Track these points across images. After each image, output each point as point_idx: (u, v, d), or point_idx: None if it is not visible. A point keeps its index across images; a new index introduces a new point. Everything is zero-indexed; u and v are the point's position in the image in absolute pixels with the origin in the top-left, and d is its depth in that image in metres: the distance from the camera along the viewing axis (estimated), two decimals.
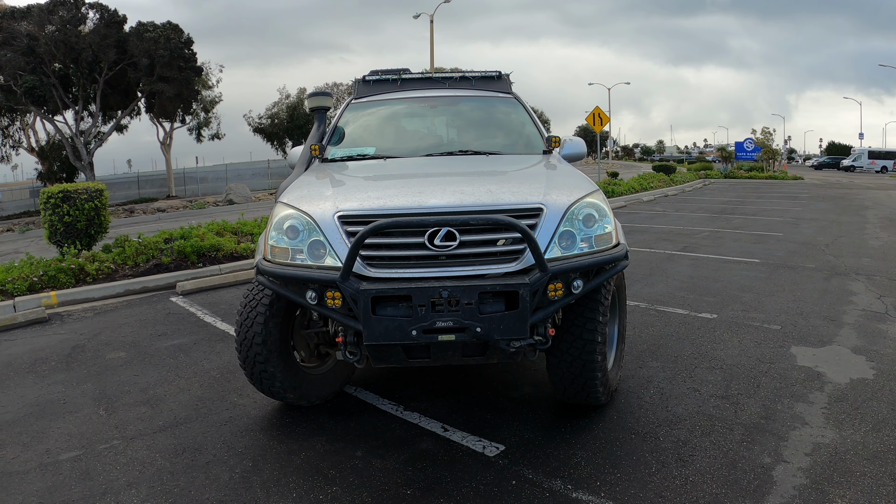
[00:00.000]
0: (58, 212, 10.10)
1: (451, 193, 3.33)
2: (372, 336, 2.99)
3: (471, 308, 2.94)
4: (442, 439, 3.66)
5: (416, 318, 2.95)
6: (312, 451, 3.57)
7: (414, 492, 3.13)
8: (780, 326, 5.74)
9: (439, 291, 2.94)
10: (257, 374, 3.77)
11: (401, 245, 3.15)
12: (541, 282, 3.03)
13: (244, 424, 3.97)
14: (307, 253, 3.25)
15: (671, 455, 3.39)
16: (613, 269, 3.43)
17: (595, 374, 3.56)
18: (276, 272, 3.30)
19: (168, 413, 4.23)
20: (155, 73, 30.48)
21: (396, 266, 3.14)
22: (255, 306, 3.69)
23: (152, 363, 5.29)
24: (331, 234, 3.20)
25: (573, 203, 3.32)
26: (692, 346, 5.21)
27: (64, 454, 3.71)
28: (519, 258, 3.14)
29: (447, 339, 2.99)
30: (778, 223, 13.93)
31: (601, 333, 3.50)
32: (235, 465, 3.46)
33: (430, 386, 4.50)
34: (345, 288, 3.01)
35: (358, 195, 3.47)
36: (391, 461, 3.42)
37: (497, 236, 3.17)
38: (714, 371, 4.62)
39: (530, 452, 3.47)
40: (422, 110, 5.29)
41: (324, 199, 3.37)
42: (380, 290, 2.97)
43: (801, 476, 3.16)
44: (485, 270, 3.11)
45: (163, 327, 6.45)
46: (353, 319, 3.11)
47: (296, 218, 3.34)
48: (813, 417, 3.83)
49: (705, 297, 6.89)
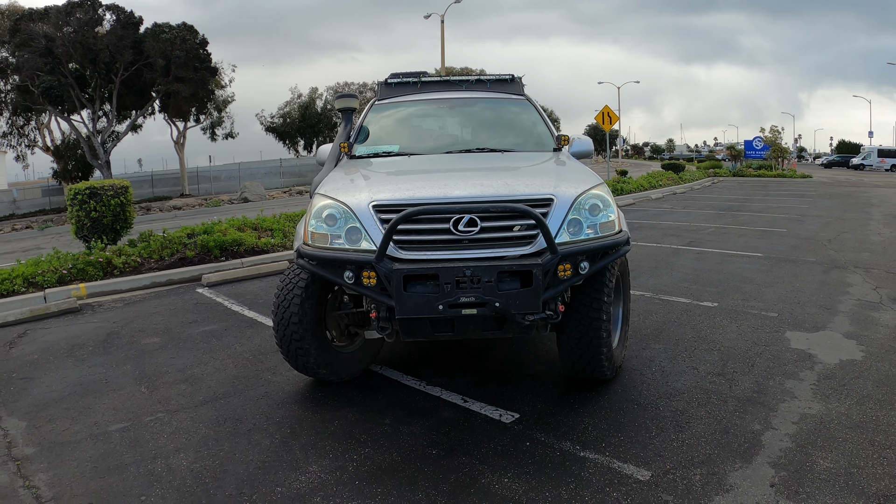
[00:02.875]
0: (85, 207, 10.44)
1: (472, 186, 3.72)
2: (403, 310, 3.37)
3: (490, 285, 3.32)
4: (462, 409, 4.04)
5: (443, 294, 3.33)
6: (345, 419, 3.95)
7: (438, 451, 3.51)
8: (777, 314, 6.05)
9: (463, 271, 3.32)
10: (293, 351, 4.15)
11: (428, 231, 3.53)
12: (552, 263, 3.40)
13: (280, 398, 4.35)
14: (345, 238, 3.65)
15: (669, 422, 3.74)
16: (616, 252, 3.78)
17: (601, 349, 3.91)
18: (317, 255, 3.69)
19: (207, 390, 4.59)
20: (171, 74, 31.01)
21: (425, 249, 3.52)
22: (291, 289, 4.06)
23: (186, 347, 5.64)
24: (366, 221, 3.60)
25: (580, 194, 3.70)
26: (693, 330, 5.55)
27: (112, 426, 4.06)
28: (532, 242, 3.52)
29: (469, 312, 3.38)
30: (783, 220, 14.11)
31: (606, 312, 3.86)
32: (275, 432, 3.84)
33: (450, 364, 4.88)
34: (380, 268, 3.40)
35: (389, 187, 3.86)
36: (417, 427, 3.80)
37: (513, 223, 3.55)
38: (712, 352, 4.96)
39: (542, 419, 3.84)
40: (440, 111, 5.69)
41: (358, 191, 3.77)
42: (411, 270, 3.36)
43: (788, 440, 3.50)
44: (503, 253, 3.49)
45: (193, 315, 6.78)
46: (386, 296, 3.48)
47: (334, 207, 3.73)
48: (802, 392, 4.15)
49: (707, 288, 7.21)
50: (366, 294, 3.60)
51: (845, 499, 2.93)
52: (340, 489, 3.17)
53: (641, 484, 3.11)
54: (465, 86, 5.83)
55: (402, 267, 3.37)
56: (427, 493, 3.10)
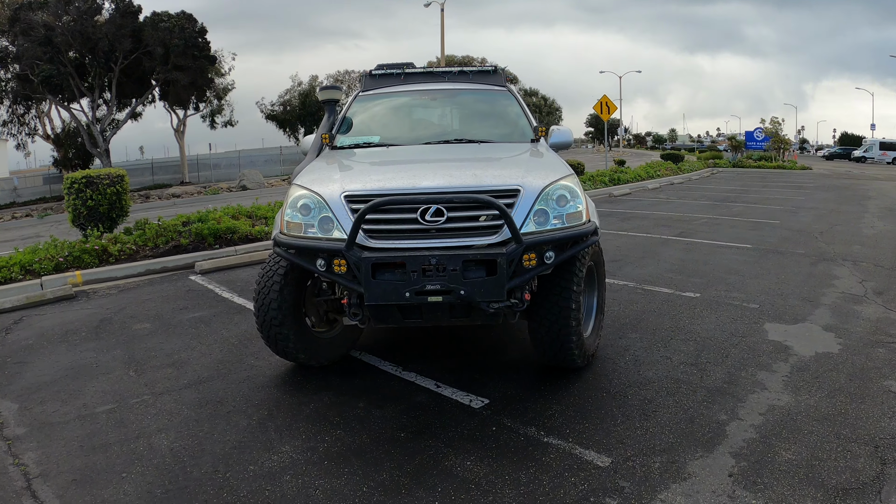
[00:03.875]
0: (81, 196, 10.56)
1: (441, 177, 3.82)
2: (372, 297, 3.48)
3: (455, 274, 3.42)
4: (434, 394, 4.15)
5: (409, 282, 3.44)
6: (320, 402, 4.07)
7: (407, 435, 3.62)
8: (758, 305, 6.11)
9: (429, 259, 3.42)
10: (273, 336, 4.26)
11: (397, 220, 3.63)
12: (516, 252, 3.49)
13: (260, 382, 4.46)
14: (318, 227, 3.75)
15: (636, 410, 3.84)
16: (583, 242, 3.88)
17: (570, 337, 4.01)
18: (291, 243, 3.80)
19: (192, 373, 4.71)
20: (170, 62, 31.05)
21: (393, 238, 3.62)
22: (271, 276, 4.18)
23: (175, 332, 5.76)
24: (338, 211, 3.70)
25: (548, 185, 3.79)
26: (671, 320, 5.64)
27: (99, 407, 4.19)
28: (499, 232, 3.61)
29: (435, 300, 3.48)
30: (777, 211, 14.10)
31: (575, 301, 3.95)
32: (253, 413, 3.95)
33: (428, 351, 5.00)
34: (349, 256, 3.50)
35: (361, 178, 3.97)
36: (389, 411, 3.92)
37: (479, 213, 3.64)
38: (688, 342, 5.05)
39: (511, 405, 3.95)
40: (423, 102, 5.77)
41: (332, 182, 3.88)
42: (379, 258, 3.47)
43: (752, 431, 3.58)
44: (469, 242, 3.59)
45: (184, 302, 6.88)
46: (356, 283, 3.58)
47: (308, 197, 3.83)
48: (773, 384, 4.23)
49: (692, 279, 7.29)
50: (337, 281, 3.71)
51: (803, 490, 2.98)
52: (309, 468, 3.29)
53: (600, 470, 3.21)
54: (448, 77, 5.91)
55: (370, 255, 3.47)
56: (391, 474, 3.21)
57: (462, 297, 3.45)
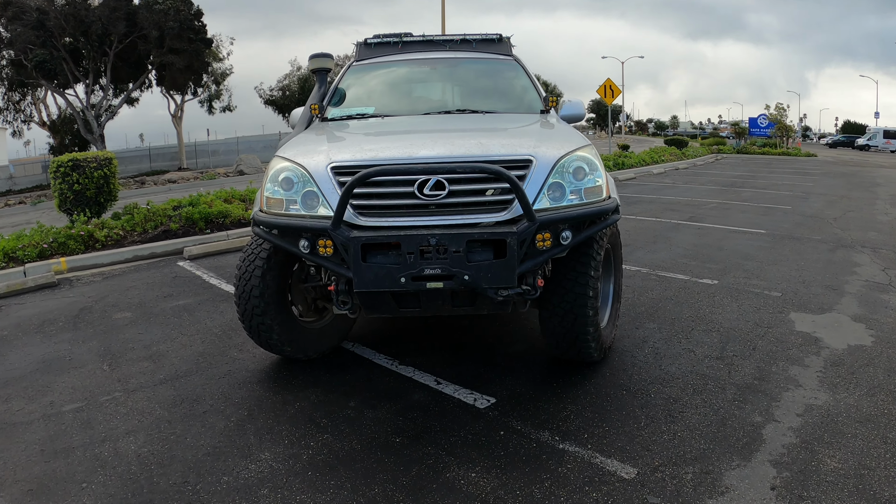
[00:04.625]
0: (67, 180, 10.21)
1: (441, 145, 3.37)
2: (362, 283, 3.05)
3: (458, 256, 2.99)
4: (434, 392, 3.73)
5: (405, 265, 3.00)
6: (307, 401, 3.65)
7: (403, 440, 3.20)
8: (780, 293, 5.72)
9: (427, 239, 2.99)
10: (255, 326, 3.84)
11: (391, 195, 3.19)
12: (528, 231, 3.06)
13: (242, 377, 4.04)
14: (301, 203, 3.31)
15: (661, 411, 3.43)
16: (603, 221, 3.44)
17: (587, 328, 3.59)
18: (271, 222, 3.36)
19: (169, 367, 4.31)
20: (165, 46, 30.43)
21: (387, 215, 3.18)
22: (253, 260, 3.75)
23: (157, 322, 5.37)
24: (324, 185, 3.25)
25: (563, 156, 3.33)
26: (691, 309, 5.22)
27: (67, 406, 3.80)
28: (508, 208, 3.17)
29: (435, 286, 3.05)
30: (787, 197, 13.82)
31: (593, 288, 3.52)
32: (231, 414, 3.54)
33: (426, 342, 4.56)
34: (335, 236, 3.07)
35: (351, 148, 3.52)
36: (383, 411, 3.49)
37: (486, 186, 3.19)
38: (710, 333, 4.64)
39: (520, 405, 3.52)
40: (422, 71, 5.29)
41: (318, 153, 3.42)
42: (369, 238, 3.03)
43: (791, 435, 3.18)
44: (474, 219, 3.15)
45: (169, 289, 6.52)
46: (344, 267, 3.16)
47: (290, 170, 3.38)
48: (807, 380, 3.83)
49: (707, 265, 6.88)
50: (322, 265, 3.29)
51: None
52: (291, 480, 2.87)
53: (626, 483, 2.79)
54: (449, 46, 5.43)
55: (360, 235, 3.04)
56: (384, 488, 2.79)
57: (466, 284, 3.02)
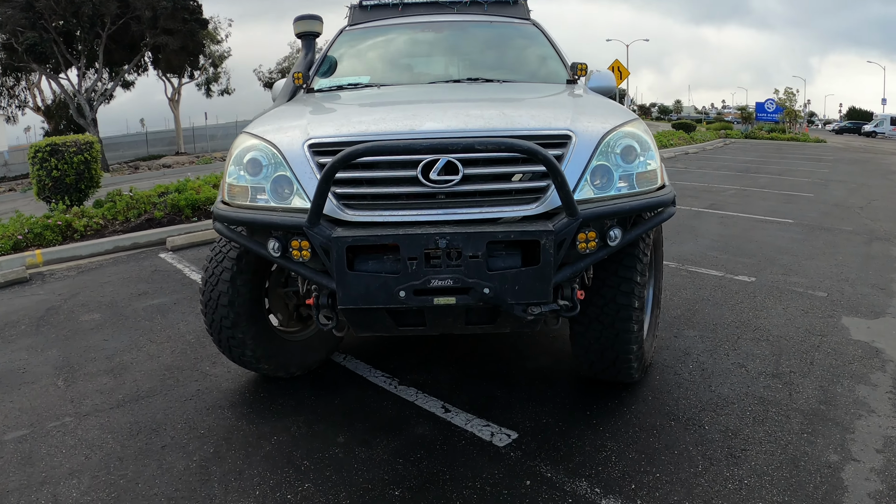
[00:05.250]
0: (45, 166, 9.60)
1: (452, 117, 2.68)
2: (348, 298, 2.38)
3: (477, 262, 2.32)
4: (442, 422, 3.07)
5: (406, 274, 2.33)
6: (286, 434, 3.00)
7: (403, 493, 2.54)
8: (826, 293, 5.09)
9: (435, 240, 2.31)
10: (224, 340, 3.20)
11: (387, 180, 2.50)
12: (569, 229, 2.38)
13: (212, 399, 3.40)
14: (270, 192, 2.61)
15: (720, 449, 2.79)
16: (658, 216, 2.79)
17: (630, 346, 2.95)
18: (233, 216, 2.67)
19: (131, 384, 3.68)
20: (158, 26, 29.50)
21: (381, 207, 2.50)
22: (220, 260, 3.10)
23: (126, 326, 4.76)
24: (300, 167, 2.55)
25: (609, 131, 2.63)
26: (732, 312, 4.58)
27: (10, 433, 3.20)
28: (540, 198, 2.48)
29: (445, 302, 2.38)
30: (806, 184, 13.30)
31: (638, 297, 2.86)
32: (195, 450, 2.91)
33: (431, 355, 3.89)
34: (313, 235, 2.39)
35: (336, 121, 2.85)
36: (379, 450, 2.84)
37: (512, 169, 2.50)
38: (760, 343, 4.00)
39: (549, 442, 2.87)
40: (426, 37, 4.53)
41: (294, 128, 2.71)
42: (358, 238, 2.35)
43: (876, 480, 2.57)
44: (496, 213, 2.47)
45: (145, 286, 5.92)
46: (325, 276, 2.51)
47: (258, 150, 2.66)
48: (879, 404, 3.21)
49: (740, 259, 6.24)
50: (298, 273, 2.62)
51: None
52: None
53: None
54: (457, 7, 4.68)
55: (346, 234, 2.35)
56: None
57: (486, 299, 2.35)
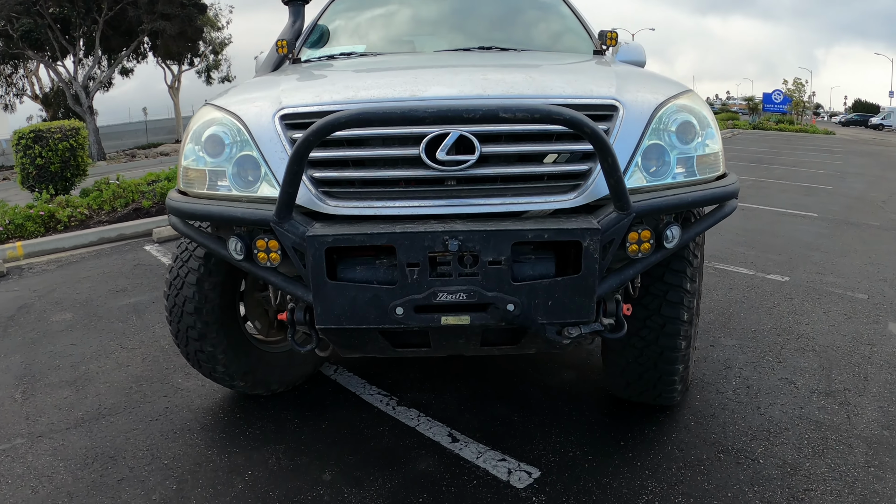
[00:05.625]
0: (29, 153, 9.25)
1: (466, 80, 2.16)
2: (328, 315, 1.87)
3: (498, 270, 1.80)
4: (448, 455, 2.58)
5: (404, 285, 1.82)
6: (262, 468, 2.52)
7: None
8: (867, 296, 4.63)
9: (444, 240, 1.79)
10: (192, 354, 2.73)
11: (380, 160, 1.97)
12: (619, 226, 1.86)
13: (181, 420, 2.94)
14: (232, 177, 2.07)
15: (779, 490, 2.33)
16: (719, 211, 2.31)
17: (675, 366, 2.48)
18: (185, 209, 2.14)
19: (93, 399, 3.23)
20: (156, 11, 28.94)
21: (373, 196, 1.96)
22: (186, 259, 2.62)
23: (98, 328, 4.32)
24: (269, 146, 2.00)
25: (663, 103, 2.10)
26: (770, 317, 4.11)
27: None
28: (580, 186, 1.95)
29: (457, 322, 1.87)
30: (822, 176, 12.94)
31: (688, 308, 2.37)
32: (155, 486, 2.45)
33: (435, 368, 3.40)
34: (283, 232, 1.87)
35: (317, 87, 2.32)
36: (372, 491, 2.36)
37: (545, 148, 1.95)
38: (806, 354, 3.54)
39: (578, 482, 2.39)
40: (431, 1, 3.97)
41: (266, 98, 2.16)
42: (341, 237, 1.82)
43: None
44: (522, 205, 1.93)
45: (125, 281, 5.49)
46: (300, 285, 2.00)
47: (220, 124, 2.12)
48: None
49: (769, 255, 5.78)
50: (266, 280, 2.10)
51: None
52: None
53: None
54: None
55: (324, 232, 1.82)
56: None
57: (511, 318, 1.85)
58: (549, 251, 1.91)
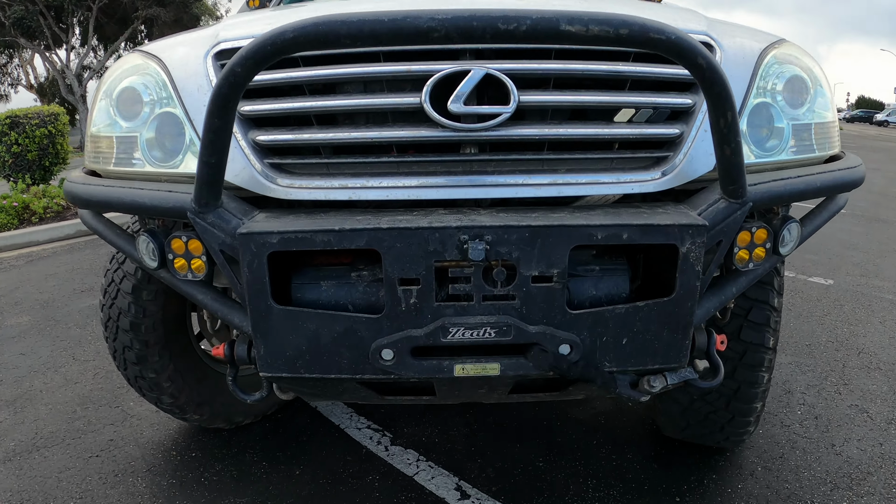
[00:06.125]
0: (5, 140, 8.72)
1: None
2: (276, 358, 1.26)
3: (548, 291, 1.19)
4: None
5: (396, 313, 1.20)
6: None
7: None
8: None
9: (459, 240, 1.16)
10: (132, 379, 2.18)
11: (359, 113, 1.37)
12: (732, 222, 1.28)
13: (125, 458, 2.39)
14: (145, 146, 1.46)
15: None
16: (835, 203, 1.73)
17: (753, 405, 1.92)
18: (80, 193, 1.53)
19: (30, 425, 2.70)
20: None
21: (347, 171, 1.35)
22: (122, 261, 2.07)
23: (53, 333, 3.81)
24: (197, 97, 1.40)
25: (766, 49, 1.51)
26: (823, 328, 3.58)
27: None
28: (667, 160, 1.34)
29: (481, 372, 1.25)
30: None
31: (774, 331, 1.80)
32: None
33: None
34: (205, 227, 1.28)
35: (273, 18, 1.63)
36: None
37: (616, 99, 1.32)
38: (872, 374, 3.00)
39: None
40: None
41: (201, 38, 1.54)
42: (291, 236, 1.19)
43: None
44: (582, 185, 1.30)
45: (93, 279, 5.01)
46: (237, 308, 1.41)
47: (139, 73, 1.50)
48: None
49: (807, 255, 5.26)
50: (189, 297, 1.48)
51: None
52: None
53: None
54: None
55: (266, 228, 1.20)
56: None
57: (564, 366, 1.23)
58: (619, 260, 1.31)
